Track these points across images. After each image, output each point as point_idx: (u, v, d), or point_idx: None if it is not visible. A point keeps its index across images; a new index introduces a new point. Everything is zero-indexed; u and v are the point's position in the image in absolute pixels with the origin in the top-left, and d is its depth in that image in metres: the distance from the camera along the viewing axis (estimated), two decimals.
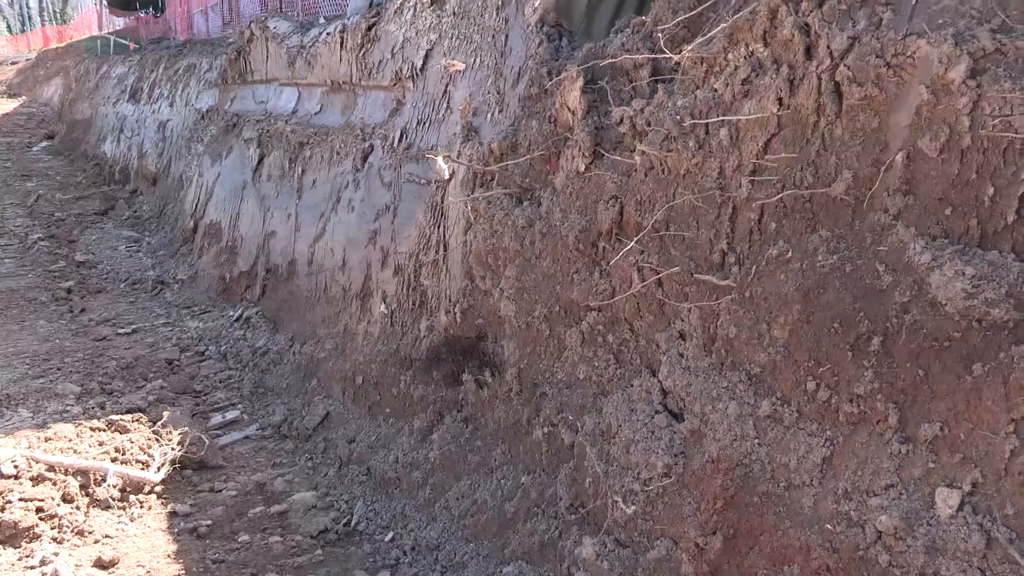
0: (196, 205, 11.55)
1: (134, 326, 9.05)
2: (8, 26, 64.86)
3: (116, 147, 18.42)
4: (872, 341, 2.81)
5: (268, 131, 9.48)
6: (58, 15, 62.71)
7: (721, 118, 3.33)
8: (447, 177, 5.00)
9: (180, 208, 12.48)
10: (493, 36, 5.16)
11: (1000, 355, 2.51)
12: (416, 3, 6.35)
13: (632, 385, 3.77)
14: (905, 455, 2.74)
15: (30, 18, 64.41)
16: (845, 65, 2.95)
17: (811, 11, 3.10)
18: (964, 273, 2.56)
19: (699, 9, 3.60)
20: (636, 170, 3.67)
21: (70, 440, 6.01)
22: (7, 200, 16.22)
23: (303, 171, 8.23)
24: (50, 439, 6.01)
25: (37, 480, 5.34)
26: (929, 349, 2.68)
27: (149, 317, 9.43)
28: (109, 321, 9.25)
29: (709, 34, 3.44)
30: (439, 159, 4.24)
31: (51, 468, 5.45)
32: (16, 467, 5.39)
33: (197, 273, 10.50)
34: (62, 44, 38.39)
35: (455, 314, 5.05)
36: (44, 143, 24.35)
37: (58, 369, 7.64)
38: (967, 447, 2.59)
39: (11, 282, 10.63)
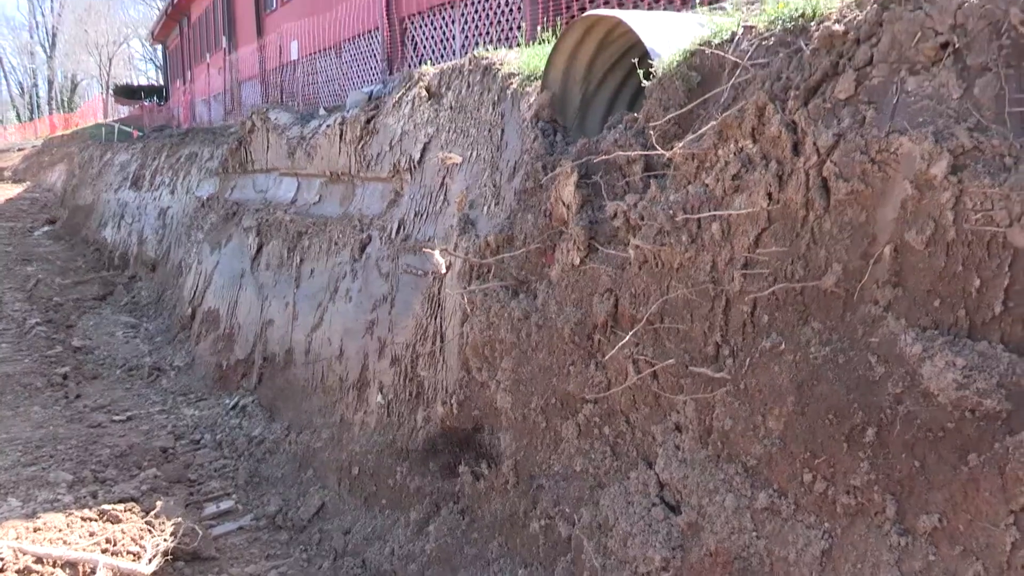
0: (195, 292, 11.61)
1: (129, 413, 9.00)
2: (17, 114, 66.16)
3: (116, 233, 18.59)
4: (867, 432, 2.83)
5: (267, 220, 9.60)
6: (66, 103, 64.03)
7: (713, 213, 3.40)
8: (444, 269, 5.07)
9: (178, 295, 12.54)
10: (489, 130, 5.29)
11: (995, 446, 2.52)
12: (414, 97, 6.52)
13: (629, 477, 3.76)
14: (905, 547, 2.73)
15: (39, 106, 65.77)
16: (831, 161, 3.03)
17: (797, 109, 3.21)
18: (955, 364, 2.59)
19: (689, 106, 3.71)
20: (630, 263, 3.74)
21: (60, 530, 5.92)
22: (6, 284, 16.28)
23: (301, 260, 8.31)
24: (39, 529, 5.92)
25: (24, 573, 5.25)
26: (924, 440, 2.69)
27: (145, 404, 9.39)
28: (104, 408, 9.21)
29: (700, 131, 3.54)
30: (436, 252, 4.30)
31: (39, 560, 5.35)
32: (2, 559, 5.29)
33: (194, 360, 10.49)
34: (68, 131, 39.03)
35: (451, 405, 5.06)
36: (46, 228, 24.57)
37: (51, 457, 7.57)
38: (967, 539, 2.58)
39: (7, 367, 10.60)
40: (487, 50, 5.87)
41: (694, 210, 3.47)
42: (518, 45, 8.27)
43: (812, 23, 3.44)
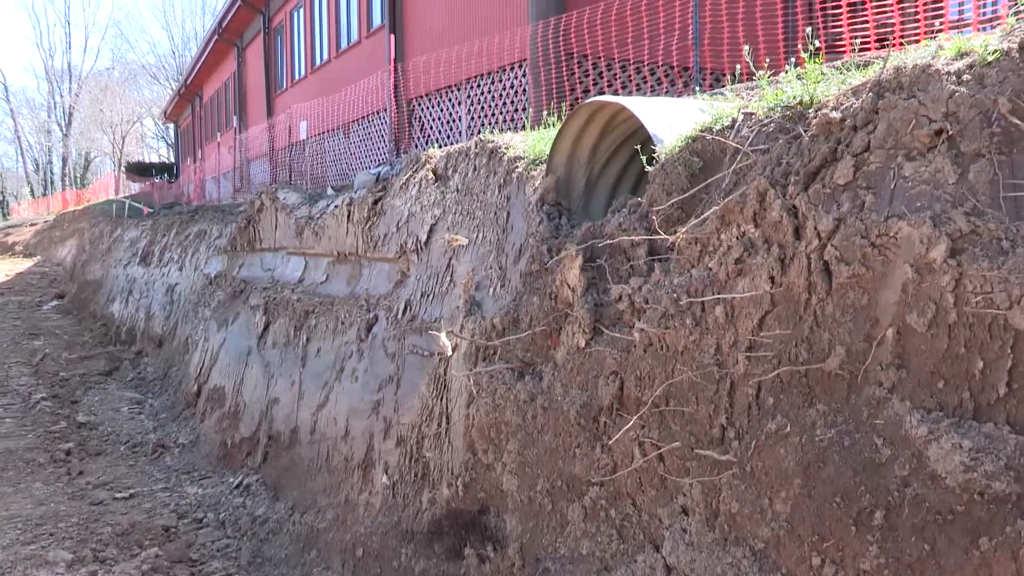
0: (200, 369, 11.62)
1: (132, 491, 8.93)
2: (32, 190, 67.20)
3: (124, 308, 18.69)
4: (875, 515, 2.81)
5: (275, 299, 9.67)
6: (79, 180, 65.08)
7: (716, 296, 3.44)
8: (450, 352, 5.10)
9: (184, 371, 12.55)
10: (495, 213, 5.38)
11: (1006, 529, 2.51)
12: (421, 179, 6.64)
13: (636, 561, 3.73)
14: None
15: (52, 182, 66.84)
16: (832, 245, 3.08)
17: (797, 194, 3.27)
18: (961, 446, 2.59)
19: (692, 191, 3.79)
20: (635, 346, 3.76)
21: None
22: (13, 358, 16.30)
23: (308, 339, 8.34)
24: None
25: None
26: (933, 523, 2.67)
27: (148, 481, 9.32)
28: (107, 485, 9.14)
29: (703, 216, 3.60)
30: (442, 335, 4.35)
31: None
32: None
33: (199, 437, 10.45)
34: (79, 207, 39.51)
35: (457, 487, 5.03)
36: (54, 302, 24.70)
37: (51, 535, 7.49)
38: None
39: (10, 442, 10.55)
40: (493, 133, 5.99)
41: (698, 293, 3.51)
42: (523, 126, 8.47)
43: (810, 110, 3.53)
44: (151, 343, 15.66)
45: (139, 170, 49.13)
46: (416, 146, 12.71)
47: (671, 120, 4.12)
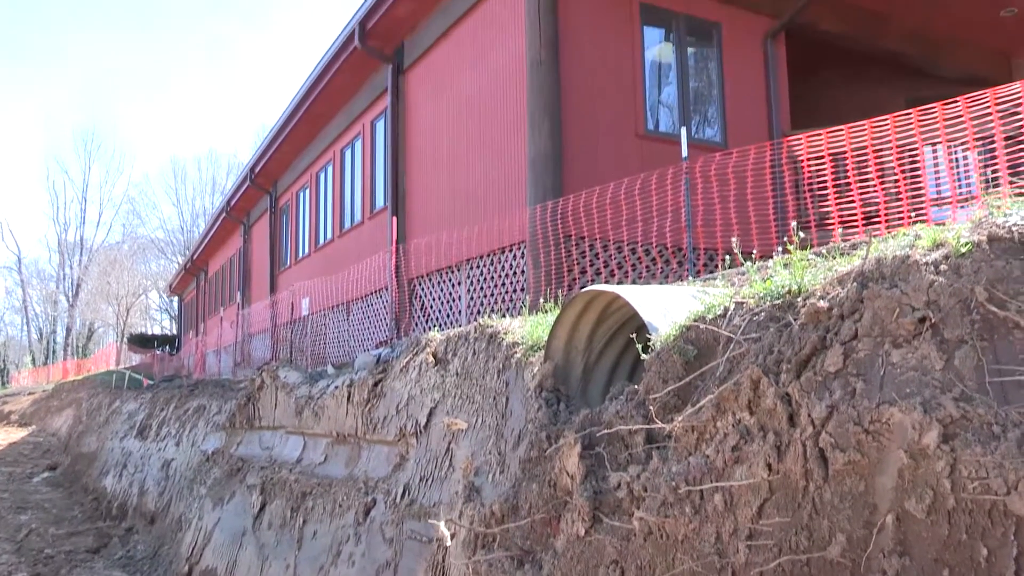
0: (193, 549, 11.32)
1: None
2: (33, 359, 67.49)
3: (117, 482, 18.38)
4: None
5: (272, 479, 9.57)
6: (81, 349, 65.51)
7: (715, 484, 3.45)
8: (449, 541, 5.04)
9: (176, 550, 12.22)
10: (494, 398, 5.44)
11: None
12: (421, 362, 6.73)
13: None
14: None
15: (54, 351, 67.24)
16: (827, 432, 3.12)
17: (790, 382, 3.34)
18: None
19: (687, 379, 3.86)
20: (635, 535, 3.73)
21: None
22: None
23: (304, 521, 8.20)
24: None
25: None
26: None
27: None
28: None
29: (698, 404, 3.66)
30: (441, 524, 4.32)
31: None
32: None
33: None
34: (79, 377, 39.55)
35: None
36: (46, 474, 24.28)
37: None
38: None
39: None
40: (492, 318, 6.14)
41: (696, 482, 3.52)
42: (522, 305, 8.66)
43: (798, 299, 3.66)
44: (143, 519, 15.30)
45: (141, 342, 49.63)
46: (416, 325, 12.91)
47: (665, 308, 4.25)
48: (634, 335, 4.22)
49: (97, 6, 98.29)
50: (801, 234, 4.44)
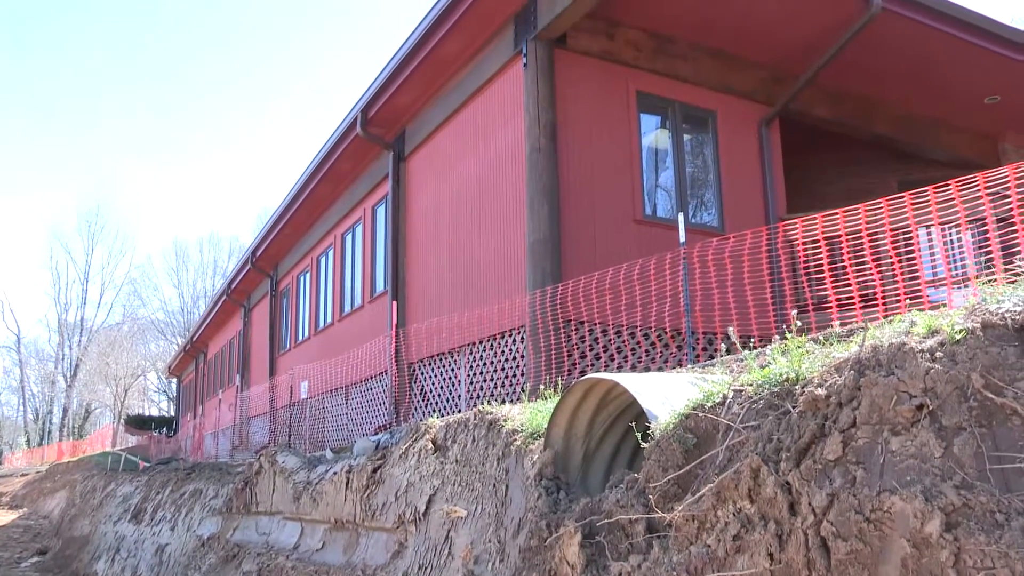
0: None
1: None
2: (28, 439, 66.80)
3: (109, 567, 18.01)
4: None
5: (268, 565, 9.41)
6: (77, 430, 64.94)
7: (717, 574, 3.41)
8: None
9: None
10: (494, 485, 5.40)
11: None
12: (421, 449, 6.70)
13: None
14: None
15: (50, 432, 66.61)
16: (828, 521, 3.10)
17: (790, 470, 3.33)
18: None
19: (687, 467, 3.85)
20: None
21: None
22: None
23: None
24: None
25: None
26: None
27: None
28: None
29: (699, 492, 3.64)
30: None
31: None
32: None
33: None
34: (74, 458, 39.13)
35: None
36: (35, 558, 23.78)
37: None
38: None
39: None
40: (491, 404, 6.14)
41: (698, 572, 3.48)
42: (522, 389, 8.65)
43: (796, 386, 3.67)
44: None
45: (138, 423, 49.32)
46: (416, 409, 12.85)
47: (664, 395, 4.26)
48: (634, 423, 4.22)
49: (104, 88, 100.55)
50: (799, 323, 4.47)
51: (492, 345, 10.80)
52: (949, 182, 6.79)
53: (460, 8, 11.19)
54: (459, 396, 11.49)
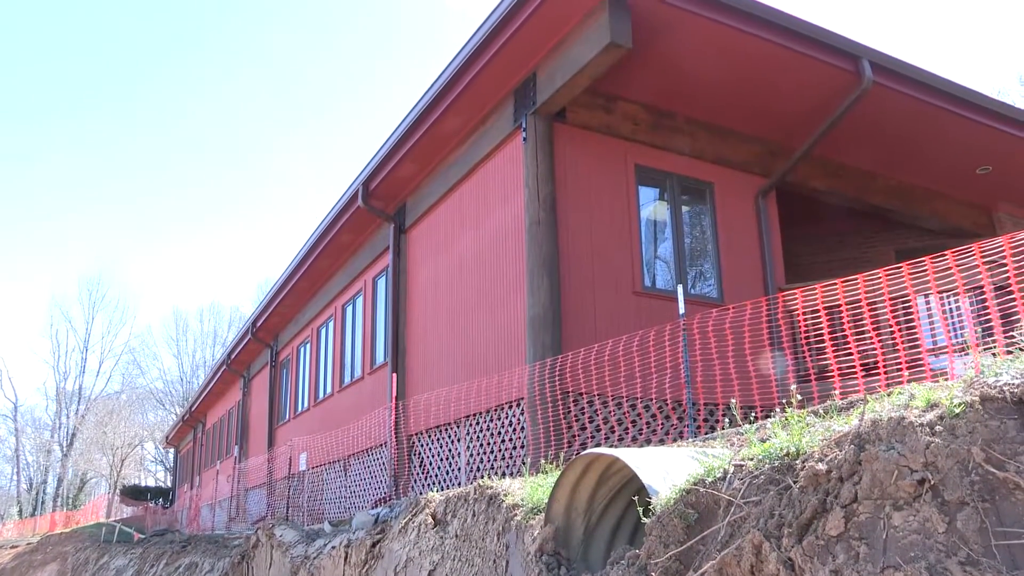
0: None
1: None
2: (20, 510, 65.78)
3: None
4: None
5: None
6: (71, 500, 64.03)
7: None
8: None
9: None
10: (494, 561, 5.33)
11: None
12: (420, 524, 6.63)
13: None
14: None
15: (43, 502, 65.62)
16: None
17: (792, 546, 3.31)
18: None
19: (689, 543, 3.82)
20: None
21: None
22: None
23: None
24: None
25: None
26: None
27: None
28: None
29: (700, 569, 3.61)
30: None
31: None
32: None
33: None
34: (67, 529, 38.50)
35: None
36: None
37: None
38: None
39: None
40: (491, 478, 6.10)
41: None
42: (522, 461, 8.58)
43: (797, 461, 3.65)
44: None
45: (134, 494, 48.68)
46: (415, 482, 12.73)
47: (665, 470, 4.24)
48: (635, 497, 4.20)
49: (107, 157, 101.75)
50: (799, 396, 4.48)
51: (492, 417, 10.75)
52: (946, 252, 6.85)
53: (459, 86, 11.42)
54: (459, 468, 11.39)
